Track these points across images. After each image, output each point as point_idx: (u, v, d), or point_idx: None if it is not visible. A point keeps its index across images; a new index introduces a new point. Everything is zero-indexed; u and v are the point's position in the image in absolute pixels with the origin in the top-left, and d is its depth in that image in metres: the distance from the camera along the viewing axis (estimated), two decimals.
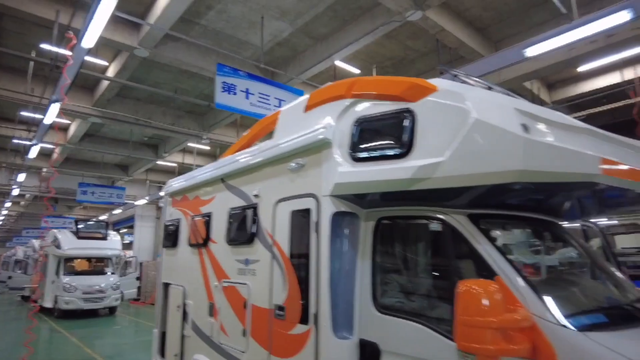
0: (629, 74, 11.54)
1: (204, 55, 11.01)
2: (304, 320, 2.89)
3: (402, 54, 11.73)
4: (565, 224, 3.20)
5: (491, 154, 2.08)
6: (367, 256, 2.78)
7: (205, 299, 4.32)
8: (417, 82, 2.58)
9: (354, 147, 2.78)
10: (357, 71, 12.27)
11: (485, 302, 1.78)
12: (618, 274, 2.95)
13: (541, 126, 2.15)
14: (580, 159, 2.07)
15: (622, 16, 6.48)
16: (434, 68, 11.71)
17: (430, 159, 2.29)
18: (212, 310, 4.15)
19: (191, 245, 4.78)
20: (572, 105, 13.16)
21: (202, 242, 4.49)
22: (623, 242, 12.36)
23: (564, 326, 1.93)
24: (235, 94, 6.83)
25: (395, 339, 2.49)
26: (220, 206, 4.30)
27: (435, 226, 2.56)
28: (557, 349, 1.85)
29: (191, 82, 13.36)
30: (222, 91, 6.70)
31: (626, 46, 9.43)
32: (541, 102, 12.58)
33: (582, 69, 11.67)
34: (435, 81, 2.54)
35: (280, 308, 3.15)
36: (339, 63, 11.53)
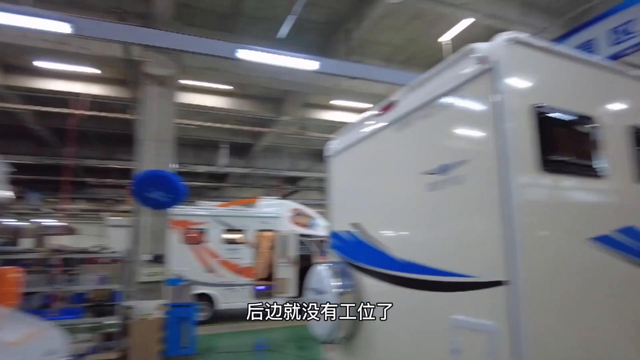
0: (76, 86, 12.56)
1: None
2: None
3: None
4: None
5: None
6: None
7: None
8: None
9: None
10: None
11: None
12: None
13: None
14: None
15: (63, 27, 6.99)
16: None
17: None
18: None
19: None
20: (26, 97, 12.68)
21: None
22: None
23: None
24: None
25: None
26: None
27: None
28: None
29: None
30: None
31: (81, 60, 10.25)
32: None
33: (38, 64, 11.50)
34: None
35: None
36: None
